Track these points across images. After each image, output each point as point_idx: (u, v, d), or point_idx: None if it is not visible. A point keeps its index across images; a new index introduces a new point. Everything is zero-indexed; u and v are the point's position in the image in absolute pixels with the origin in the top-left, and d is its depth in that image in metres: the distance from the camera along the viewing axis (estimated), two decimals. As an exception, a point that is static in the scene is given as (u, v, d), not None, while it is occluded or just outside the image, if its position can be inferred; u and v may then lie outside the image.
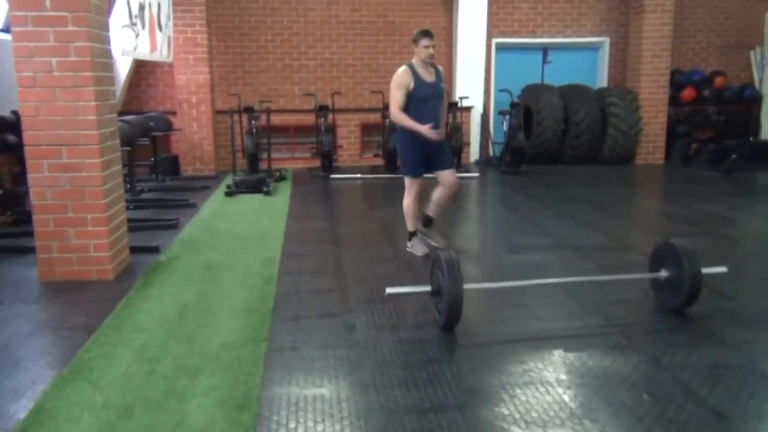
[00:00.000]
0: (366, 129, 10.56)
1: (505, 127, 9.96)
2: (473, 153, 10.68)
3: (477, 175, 9.12)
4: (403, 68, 4.81)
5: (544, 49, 10.89)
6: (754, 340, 3.39)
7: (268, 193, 7.76)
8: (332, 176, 9.02)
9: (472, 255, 5.15)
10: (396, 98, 4.75)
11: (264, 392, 2.84)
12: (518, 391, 2.84)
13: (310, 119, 10.06)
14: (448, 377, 2.99)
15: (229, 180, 8.41)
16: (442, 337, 3.49)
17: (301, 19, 10.23)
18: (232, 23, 10.06)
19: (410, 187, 5.02)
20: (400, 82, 4.73)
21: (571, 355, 3.20)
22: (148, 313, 3.83)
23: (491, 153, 10.60)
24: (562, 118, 9.92)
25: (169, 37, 8.54)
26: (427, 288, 3.68)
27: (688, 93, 10.73)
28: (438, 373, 3.04)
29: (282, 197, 7.67)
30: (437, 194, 5.10)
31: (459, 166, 9.40)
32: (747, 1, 11.02)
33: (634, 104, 9.97)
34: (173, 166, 9.53)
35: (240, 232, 5.90)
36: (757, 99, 10.94)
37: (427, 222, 5.22)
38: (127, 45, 7.16)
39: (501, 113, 10.04)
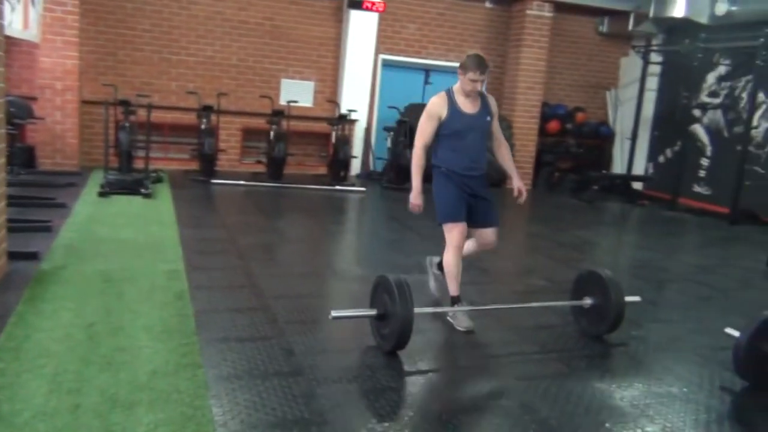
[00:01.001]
0: (247, 134, 10.13)
1: (388, 143, 10.04)
2: (355, 167, 10.63)
3: (363, 189, 9.07)
4: (439, 95, 3.87)
5: (427, 71, 11.19)
6: (673, 366, 3.62)
7: (147, 196, 7.14)
8: (213, 181, 8.52)
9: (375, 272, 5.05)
10: (422, 131, 3.83)
11: (221, 430, 2.54)
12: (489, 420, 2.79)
13: (188, 118, 9.46)
14: (406, 405, 2.87)
15: (99, 178, 7.66)
16: (388, 363, 3.35)
17: (183, 12, 9.61)
18: (106, 7, 9.21)
19: (450, 235, 3.89)
20: (431, 112, 3.82)
21: (522, 384, 3.20)
22: (48, 333, 3.30)
23: (372, 167, 10.63)
24: (444, 139, 10.16)
25: (40, 15, 7.62)
26: (372, 311, 3.54)
27: (553, 125, 11.49)
28: (397, 403, 2.90)
29: (164, 201, 7.10)
30: (470, 246, 4.12)
31: (344, 179, 9.31)
32: (606, 46, 12.06)
33: (509, 132, 10.48)
34: (28, 158, 8.48)
35: (128, 240, 5.35)
36: (611, 136, 11.99)
37: (455, 300, 3.98)
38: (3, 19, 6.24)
39: (386, 129, 10.10)
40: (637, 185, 10.84)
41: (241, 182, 8.65)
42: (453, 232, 3.88)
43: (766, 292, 5.60)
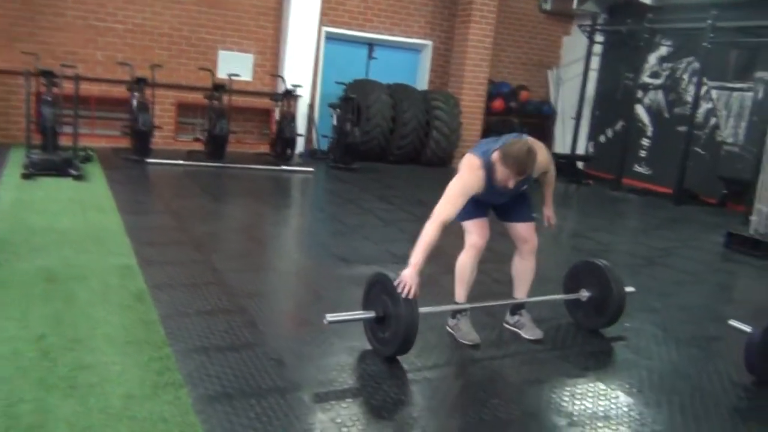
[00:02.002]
0: (182, 109, 9.44)
1: (334, 120, 9.60)
2: (298, 145, 10.14)
3: (311, 170, 8.62)
4: (475, 172, 3.16)
5: (371, 45, 10.78)
6: (678, 360, 3.48)
7: (78, 178, 6.46)
8: (149, 160, 7.85)
9: (349, 265, 4.70)
10: (449, 206, 3.14)
11: (225, 468, 2.15)
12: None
13: (117, 91, 8.70)
14: (423, 420, 2.57)
15: (19, 157, 6.89)
16: (390, 370, 3.04)
17: (109, -26, 8.78)
18: (20, -35, 8.27)
19: (469, 235, 3.44)
20: (466, 192, 3.16)
21: (535, 388, 2.96)
22: (-9, 350, 2.79)
23: (316, 145, 10.17)
24: (391, 116, 9.85)
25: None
26: (370, 314, 3.20)
27: (498, 103, 11.36)
28: (413, 417, 2.60)
29: (98, 184, 6.44)
30: (517, 263, 3.62)
31: (289, 158, 8.83)
32: (549, 25, 12.00)
33: (456, 110, 10.26)
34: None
35: (66, 230, 4.75)
36: (553, 115, 12.00)
37: (516, 308, 3.67)
38: None
39: (331, 106, 9.65)
40: (579, 165, 10.90)
41: (180, 162, 8.02)
42: (473, 233, 3.40)
43: (733, 275, 5.64)
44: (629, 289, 3.86)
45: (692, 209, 8.69)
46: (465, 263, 3.43)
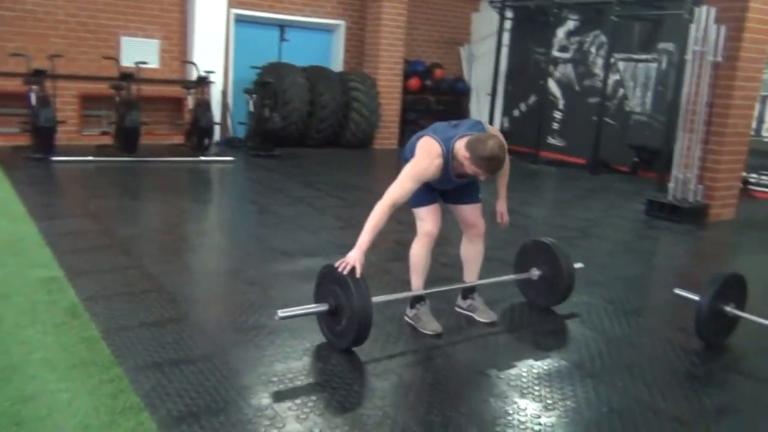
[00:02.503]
0: (86, 101, 8.82)
1: (250, 106, 9.27)
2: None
3: (231, 159, 8.28)
4: (434, 159, 3.04)
5: (282, 27, 10.47)
6: (633, 331, 3.58)
7: (-23, 182, 5.91)
8: (54, 158, 7.29)
9: (290, 259, 4.54)
10: (400, 190, 3.03)
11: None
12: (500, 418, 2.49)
13: (11, 85, 8.01)
14: (390, 414, 2.49)
15: None
16: (351, 363, 2.94)
17: (-9, -44, 8.02)
18: None
19: (422, 223, 3.31)
20: (419, 176, 3.05)
21: (505, 369, 2.95)
22: None
23: (232, 133, 9.80)
24: (308, 100, 9.62)
25: None
26: (322, 307, 3.08)
27: (414, 82, 11.34)
28: (383, 412, 2.51)
29: (1, 188, 5.91)
30: (466, 247, 3.55)
31: (207, 148, 8.45)
32: (458, 2, 12.06)
33: (374, 90, 10.15)
34: None
35: (-26, 241, 4.32)
36: (467, 91, 12.13)
37: (467, 292, 3.63)
38: None
39: (247, 92, 9.31)
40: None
41: (89, 158, 7.51)
42: (426, 220, 3.29)
43: (659, 242, 5.88)
44: (578, 265, 3.92)
45: (607, 178, 9.03)
46: (419, 252, 3.35)
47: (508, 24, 11.38)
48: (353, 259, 2.99)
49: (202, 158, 8.12)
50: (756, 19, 6.29)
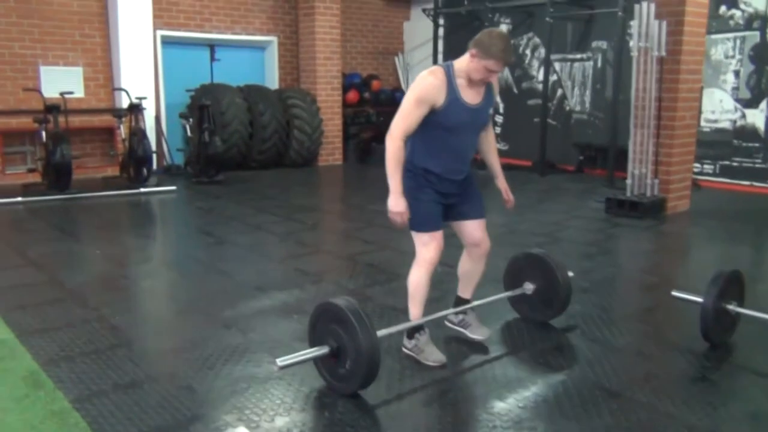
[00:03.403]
0: (6, 137, 8.17)
1: (188, 131, 8.85)
2: (148, 162, 9.22)
3: (173, 188, 7.83)
4: (433, 72, 2.87)
5: (212, 46, 10.06)
6: (640, 340, 3.47)
7: None
8: (-24, 203, 6.67)
9: (264, 293, 4.23)
10: (405, 116, 2.84)
11: None
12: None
13: None
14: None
15: None
16: (357, 408, 2.68)
17: None
18: None
19: (424, 249, 3.02)
20: (423, 97, 2.82)
21: (519, 400, 2.76)
22: None
23: (169, 161, 9.32)
24: (248, 120, 9.26)
25: None
26: (323, 350, 2.81)
27: (352, 95, 11.13)
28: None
29: None
30: (466, 265, 3.30)
31: (146, 179, 7.96)
32: (389, 11, 11.95)
33: (315, 106, 9.89)
34: None
35: None
36: (406, 101, 12.00)
37: (460, 303, 3.40)
38: None
39: (183, 116, 8.88)
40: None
41: (18, 199, 6.91)
42: (430, 246, 3.00)
43: (628, 240, 5.87)
44: (569, 274, 3.79)
45: (555, 178, 9.07)
46: (420, 280, 3.09)
47: (441, 30, 11.36)
48: (396, 206, 2.88)
49: (142, 189, 7.63)
50: (693, 12, 6.41)
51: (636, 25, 6.44)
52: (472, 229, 3.19)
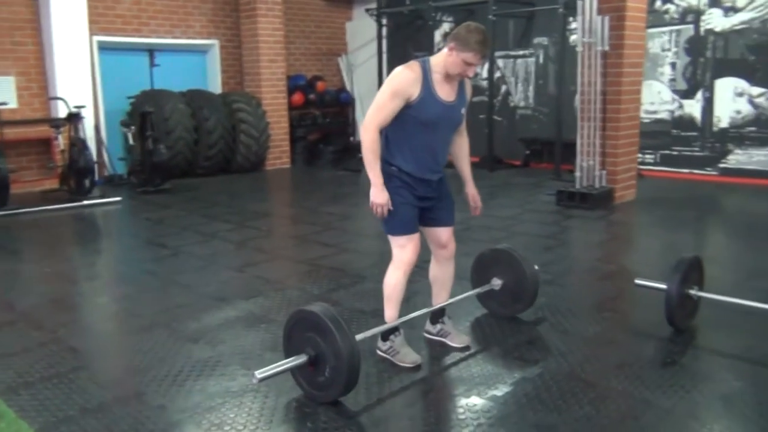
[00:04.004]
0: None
1: (130, 140, 8.57)
2: (89, 173, 8.87)
3: (118, 199, 7.56)
4: (409, 66, 2.87)
5: (151, 51, 9.79)
6: (610, 330, 3.53)
7: None
8: None
9: (228, 303, 4.13)
10: (380, 108, 2.84)
11: None
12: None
13: None
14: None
15: None
16: (339, 416, 2.63)
17: None
18: None
19: (401, 251, 3.02)
20: (398, 90, 2.82)
21: (490, 397, 2.77)
22: None
23: (111, 171, 9.00)
24: (192, 126, 9.04)
25: None
26: (301, 359, 2.75)
27: (297, 97, 11.00)
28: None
29: None
30: (435, 270, 3.30)
31: (89, 191, 7.66)
32: (330, 12, 11.88)
33: (260, 110, 9.74)
34: None
35: None
36: (351, 102, 11.97)
37: (437, 317, 3.38)
38: None
39: (124, 124, 8.59)
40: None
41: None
42: (407, 248, 3.00)
43: (582, 231, 5.99)
44: (534, 267, 3.84)
45: (504, 173, 9.20)
46: (397, 282, 3.07)
47: (384, 30, 11.37)
48: (378, 197, 2.89)
49: (86, 202, 7.34)
50: (634, 7, 6.61)
51: (580, 20, 6.59)
52: (442, 235, 3.19)
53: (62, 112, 8.12)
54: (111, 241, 6.36)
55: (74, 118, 7.79)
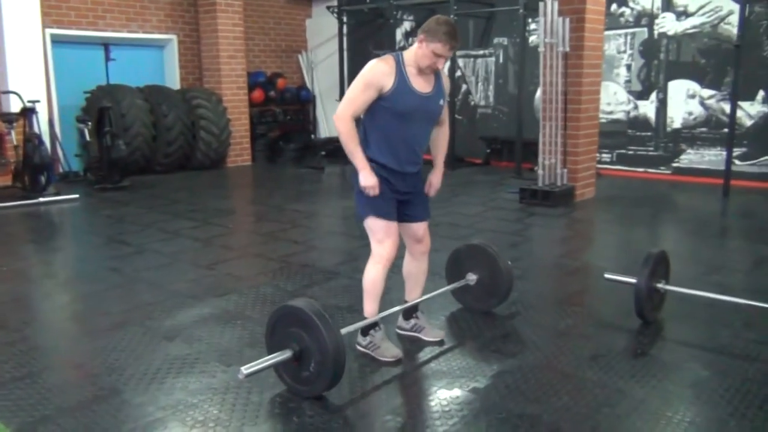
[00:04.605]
0: None
1: (87, 135, 8.35)
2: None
3: (76, 196, 7.36)
4: (383, 59, 2.91)
5: (106, 45, 9.57)
6: (580, 323, 3.63)
7: None
8: None
9: (200, 301, 4.08)
10: (352, 99, 2.88)
11: None
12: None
13: None
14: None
15: None
16: (325, 411, 2.65)
17: None
18: None
19: (380, 246, 3.01)
20: (370, 80, 2.86)
21: (468, 390, 2.83)
22: None
23: (66, 167, 8.75)
24: (151, 122, 8.87)
25: None
26: (286, 354, 2.74)
27: (257, 94, 10.90)
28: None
29: None
30: (410, 265, 3.32)
31: (45, 188, 7.42)
32: (290, 9, 11.81)
33: (221, 106, 9.61)
34: None
35: None
36: (312, 99, 11.93)
37: (409, 313, 3.40)
38: None
39: (80, 120, 8.37)
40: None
41: None
42: (385, 243, 3.00)
43: (545, 227, 6.11)
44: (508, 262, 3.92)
45: (466, 171, 9.32)
46: (377, 277, 3.09)
47: (345, 28, 11.36)
48: (368, 180, 2.93)
49: (41, 199, 7.12)
50: (593, 10, 6.79)
51: (542, 21, 6.73)
52: (417, 229, 3.23)
53: (15, 106, 7.86)
54: (71, 238, 6.19)
55: (28, 112, 7.54)
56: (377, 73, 2.87)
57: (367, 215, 3.03)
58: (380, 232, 3.04)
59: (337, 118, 2.92)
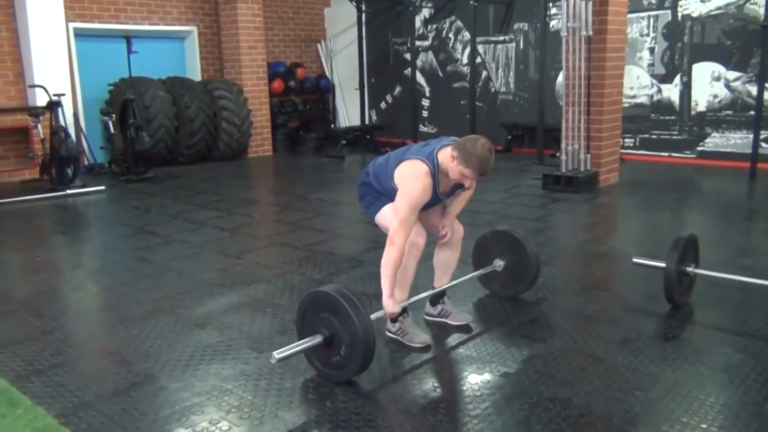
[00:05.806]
0: None
1: (111, 128, 8.44)
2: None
3: (102, 188, 7.46)
4: (425, 175, 2.88)
5: (128, 38, 9.66)
6: (608, 307, 3.63)
7: None
8: None
9: (230, 289, 4.13)
10: (406, 224, 2.87)
11: None
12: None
13: None
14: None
15: None
16: (359, 395, 2.68)
17: None
18: None
19: (405, 221, 2.89)
20: (417, 205, 2.89)
21: (516, 370, 2.84)
22: None
23: (91, 159, 8.87)
24: (174, 114, 8.95)
25: None
26: (316, 339, 2.78)
27: (277, 84, 10.94)
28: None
29: None
30: (443, 254, 3.39)
31: (72, 180, 7.54)
32: (309, -3, 11.82)
33: (242, 97, 9.66)
34: None
35: None
36: (332, 88, 11.93)
37: (436, 299, 3.45)
38: None
39: (105, 112, 8.46)
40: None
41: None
42: (409, 219, 2.93)
43: (570, 213, 6.09)
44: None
45: (487, 158, 9.25)
46: (408, 264, 3.10)
47: (363, 16, 11.33)
48: (389, 308, 2.96)
49: (69, 191, 7.23)
50: (616, -7, 6.70)
51: (564, 5, 6.66)
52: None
53: (40, 100, 7.97)
54: (100, 230, 6.28)
55: (54, 106, 7.65)
56: (421, 194, 2.89)
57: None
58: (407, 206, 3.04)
59: (392, 244, 2.87)
